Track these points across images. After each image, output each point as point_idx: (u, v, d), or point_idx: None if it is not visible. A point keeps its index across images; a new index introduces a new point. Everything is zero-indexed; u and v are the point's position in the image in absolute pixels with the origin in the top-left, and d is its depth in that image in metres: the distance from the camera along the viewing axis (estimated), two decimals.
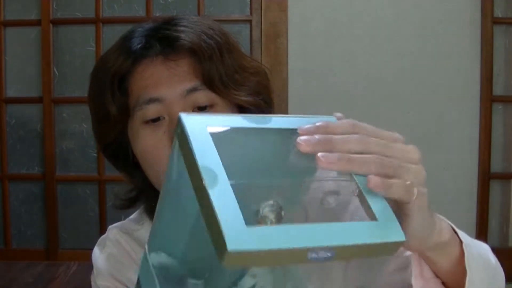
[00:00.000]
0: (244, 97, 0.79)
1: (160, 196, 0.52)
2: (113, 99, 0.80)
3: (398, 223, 0.45)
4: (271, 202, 0.47)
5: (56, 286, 1.67)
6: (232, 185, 0.42)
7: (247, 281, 0.46)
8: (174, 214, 0.51)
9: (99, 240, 0.93)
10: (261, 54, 2.52)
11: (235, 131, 0.48)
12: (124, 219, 0.96)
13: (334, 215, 0.50)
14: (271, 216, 0.46)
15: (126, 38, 0.82)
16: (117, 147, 0.85)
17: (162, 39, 0.79)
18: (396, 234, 0.44)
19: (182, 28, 0.80)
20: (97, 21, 2.60)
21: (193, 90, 0.77)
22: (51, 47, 2.62)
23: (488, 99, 2.54)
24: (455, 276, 0.60)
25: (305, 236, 0.41)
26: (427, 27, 2.53)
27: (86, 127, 2.67)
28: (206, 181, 0.41)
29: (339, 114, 0.53)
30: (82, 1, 2.65)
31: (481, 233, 2.56)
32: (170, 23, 0.81)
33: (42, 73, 2.62)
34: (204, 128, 0.45)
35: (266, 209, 0.46)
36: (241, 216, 0.40)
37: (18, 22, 2.67)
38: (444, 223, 0.58)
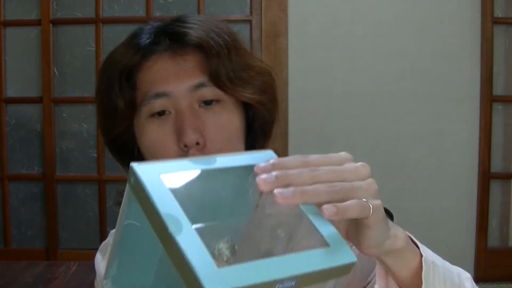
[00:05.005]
0: (249, 95, 0.80)
1: (113, 243, 0.53)
2: (121, 93, 0.80)
3: (347, 245, 0.49)
4: (225, 239, 0.51)
5: (56, 286, 1.68)
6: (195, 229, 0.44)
7: None
8: (133, 261, 0.53)
9: (101, 245, 0.93)
10: (261, 54, 2.52)
11: (186, 175, 0.50)
12: None
13: (284, 244, 0.54)
14: (226, 252, 0.50)
15: (135, 35, 0.83)
16: (122, 142, 0.85)
17: (171, 35, 0.81)
18: (348, 256, 0.48)
19: (190, 25, 0.81)
20: (97, 21, 2.60)
21: (200, 86, 0.78)
22: (51, 47, 2.62)
23: (488, 99, 2.54)
24: None
25: (270, 269, 0.43)
26: (427, 27, 2.53)
27: (86, 127, 2.67)
28: (171, 229, 0.42)
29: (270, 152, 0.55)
30: (82, 1, 2.65)
31: (481, 233, 2.57)
32: (179, 20, 0.83)
33: (42, 73, 2.63)
34: (158, 176, 0.46)
35: (222, 246, 0.50)
36: (211, 259, 0.42)
37: (18, 22, 2.67)
38: (399, 232, 0.60)
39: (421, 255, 0.62)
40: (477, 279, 2.61)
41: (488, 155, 2.55)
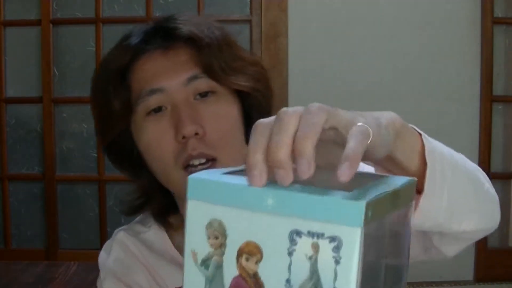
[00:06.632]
0: (243, 83, 0.81)
1: None
2: (116, 94, 0.80)
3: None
4: None
5: (56, 286, 1.67)
6: None
7: None
8: None
9: (105, 245, 0.93)
10: (261, 54, 2.52)
11: None
12: (124, 220, 0.95)
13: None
14: None
15: (125, 37, 0.84)
16: (121, 146, 0.85)
17: (161, 32, 0.81)
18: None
19: (180, 21, 0.82)
20: (97, 21, 2.60)
21: (193, 78, 0.79)
22: (51, 47, 2.62)
23: (488, 99, 2.54)
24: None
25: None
26: (427, 27, 2.53)
27: (86, 127, 2.67)
28: None
29: None
30: (82, 1, 2.65)
31: None
32: (169, 18, 0.84)
33: (42, 73, 2.62)
34: None
35: None
36: None
37: (18, 22, 2.67)
38: (391, 116, 0.53)
39: (420, 134, 0.58)
40: (477, 279, 2.61)
41: (488, 155, 2.55)
